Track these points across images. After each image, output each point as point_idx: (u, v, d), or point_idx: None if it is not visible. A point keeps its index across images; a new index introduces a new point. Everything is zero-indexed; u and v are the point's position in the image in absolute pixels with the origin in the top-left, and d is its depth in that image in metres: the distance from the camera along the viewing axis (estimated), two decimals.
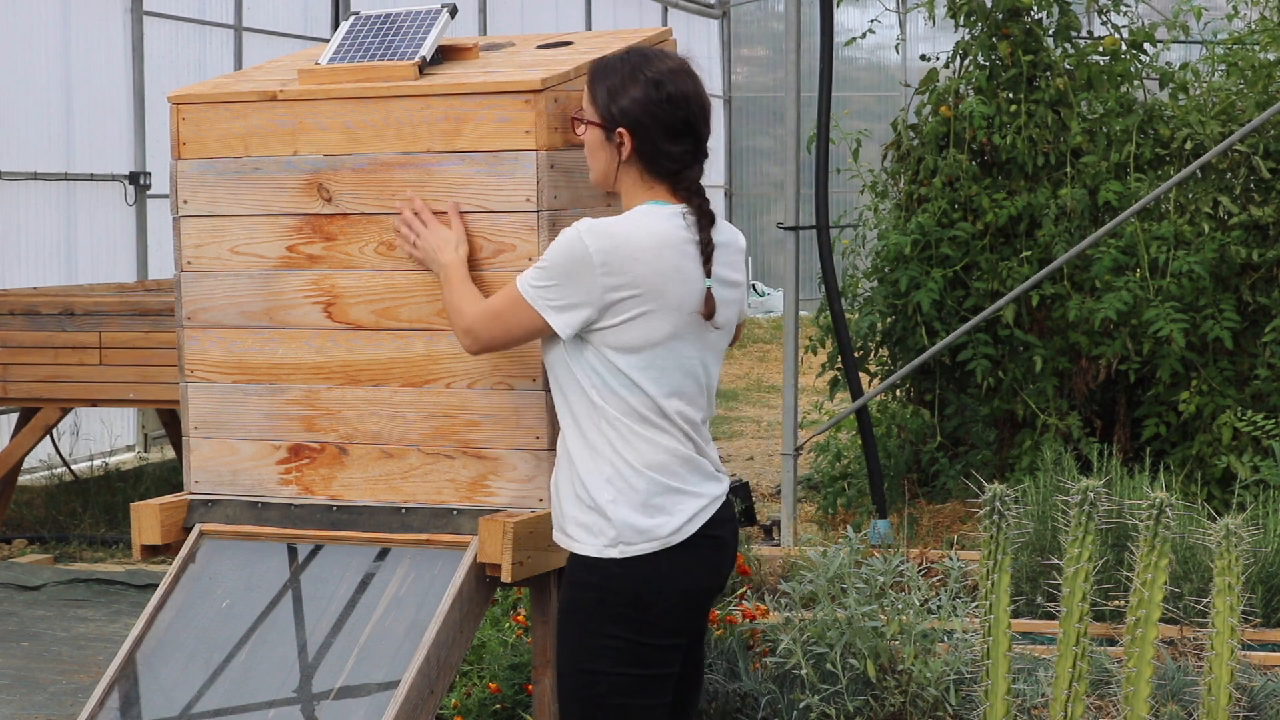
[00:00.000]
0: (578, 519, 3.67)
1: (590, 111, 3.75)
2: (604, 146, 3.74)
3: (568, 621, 3.68)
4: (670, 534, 3.62)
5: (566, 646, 3.68)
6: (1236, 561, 3.77)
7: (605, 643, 3.62)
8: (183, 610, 4.28)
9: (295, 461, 4.33)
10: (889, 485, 9.10)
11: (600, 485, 3.63)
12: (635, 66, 3.70)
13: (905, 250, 9.18)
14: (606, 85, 3.72)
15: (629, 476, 3.62)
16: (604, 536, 3.62)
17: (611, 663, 3.62)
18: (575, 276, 3.62)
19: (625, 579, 3.60)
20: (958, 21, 9.54)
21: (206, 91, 4.40)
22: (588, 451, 3.66)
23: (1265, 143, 8.84)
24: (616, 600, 3.61)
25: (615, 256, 3.61)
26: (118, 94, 11.95)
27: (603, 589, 3.61)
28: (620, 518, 3.61)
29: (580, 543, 3.66)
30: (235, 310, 4.36)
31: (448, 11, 4.33)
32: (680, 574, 3.63)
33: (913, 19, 16.38)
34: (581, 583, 3.65)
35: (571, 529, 3.69)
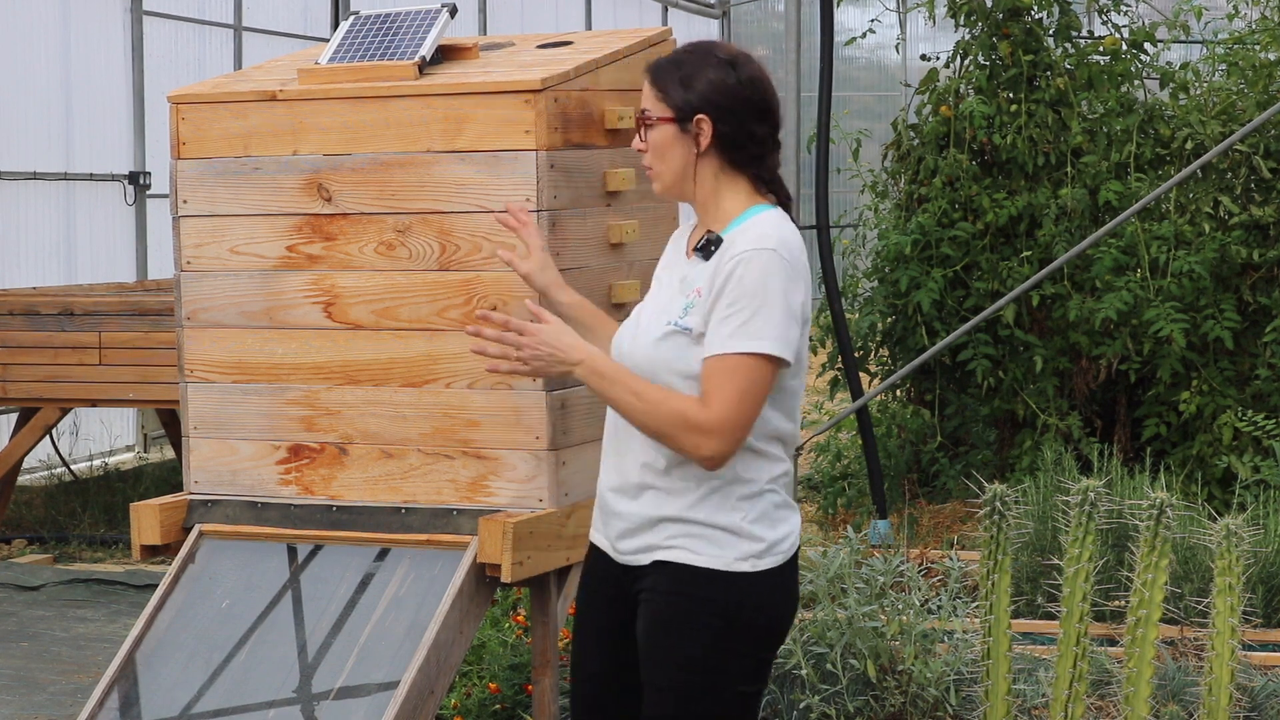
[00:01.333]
0: (692, 533, 3.40)
1: (658, 108, 3.46)
2: (678, 141, 3.45)
3: (681, 638, 3.41)
4: (790, 547, 3.46)
5: (686, 666, 3.40)
6: (1237, 562, 3.77)
7: (729, 660, 3.40)
8: (182, 610, 4.28)
9: (295, 461, 4.33)
10: (889, 485, 9.10)
11: (729, 503, 3.40)
12: (703, 53, 3.48)
13: (905, 250, 9.18)
14: (678, 75, 3.45)
15: (756, 493, 3.42)
16: (734, 550, 3.39)
17: (740, 680, 3.42)
18: (786, 298, 3.34)
19: (757, 594, 3.40)
20: (958, 21, 9.53)
21: (206, 91, 4.40)
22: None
23: (1266, 142, 8.83)
24: (748, 615, 3.40)
25: (801, 267, 3.40)
26: (117, 94, 11.95)
27: (732, 604, 3.39)
28: (754, 532, 3.41)
29: (701, 555, 3.40)
30: (235, 310, 4.36)
31: (448, 11, 4.33)
32: (795, 586, 3.49)
33: (913, 19, 16.38)
34: (704, 598, 3.39)
35: (680, 542, 3.41)
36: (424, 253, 4.18)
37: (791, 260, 3.37)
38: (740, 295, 3.34)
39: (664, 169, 3.49)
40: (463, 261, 4.15)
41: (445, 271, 4.17)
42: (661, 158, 3.48)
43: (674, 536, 3.42)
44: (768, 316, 3.33)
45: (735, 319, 3.33)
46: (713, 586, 3.39)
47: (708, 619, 3.40)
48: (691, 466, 3.39)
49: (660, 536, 3.43)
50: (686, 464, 3.40)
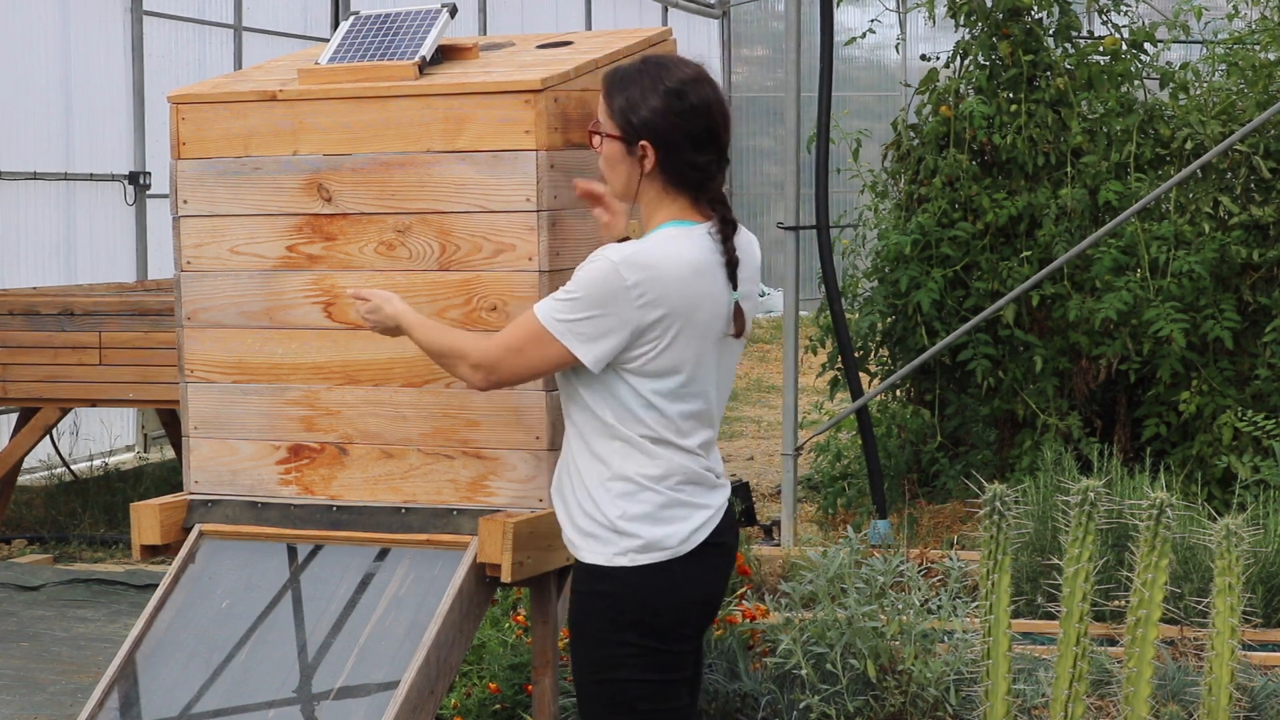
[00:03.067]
0: (585, 529, 3.63)
1: (608, 124, 3.62)
2: (625, 160, 3.61)
3: (581, 632, 3.65)
4: (679, 543, 3.59)
5: (584, 657, 3.64)
6: (1237, 561, 3.77)
7: (623, 650, 3.59)
8: (182, 610, 4.28)
9: (295, 461, 4.33)
10: (889, 485, 9.10)
11: (609, 499, 3.60)
12: (654, 76, 3.58)
13: (905, 250, 9.18)
14: (625, 96, 3.59)
15: (638, 491, 3.59)
16: (613, 546, 3.58)
17: (631, 670, 3.59)
18: (609, 307, 3.52)
19: (638, 587, 3.57)
20: (958, 21, 9.53)
21: (206, 91, 4.40)
22: (596, 465, 3.61)
23: (1265, 142, 8.83)
24: (631, 608, 3.58)
25: (651, 287, 3.52)
26: (117, 94, 11.95)
27: (616, 597, 3.58)
28: (630, 529, 3.58)
29: (589, 551, 3.62)
30: (235, 310, 4.36)
31: (448, 11, 4.33)
32: (690, 581, 3.61)
33: (913, 19, 16.37)
34: (592, 591, 3.62)
35: (578, 538, 3.64)
36: (424, 253, 4.19)
37: (632, 279, 3.52)
38: (576, 284, 3.57)
39: (614, 180, 3.66)
40: (463, 261, 4.15)
41: (445, 271, 4.17)
42: (612, 169, 3.65)
43: (571, 533, 3.67)
44: (569, 302, 3.55)
45: (563, 298, 3.58)
46: (596, 580, 3.61)
47: (594, 610, 3.61)
48: (582, 465, 3.61)
49: (572, 531, 3.67)
50: (578, 462, 3.62)
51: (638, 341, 3.54)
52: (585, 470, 3.62)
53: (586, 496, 3.62)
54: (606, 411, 3.59)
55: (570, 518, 3.67)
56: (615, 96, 3.60)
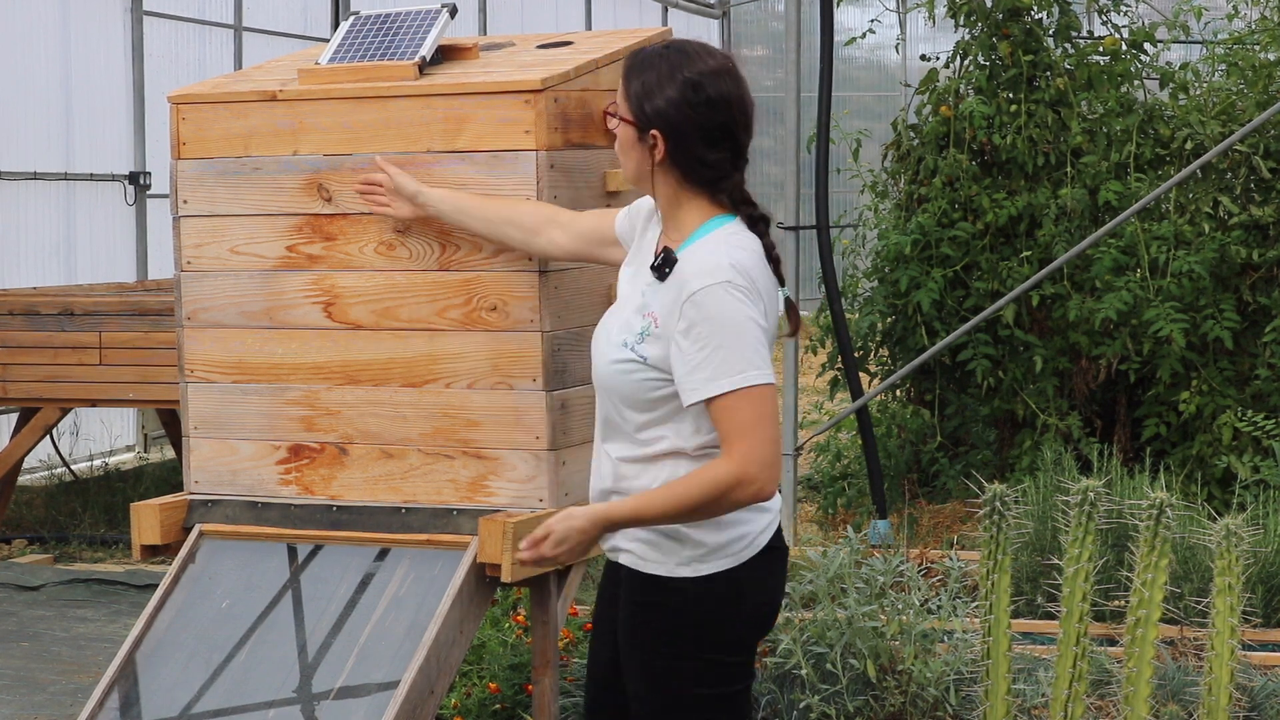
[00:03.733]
0: (642, 537, 3.43)
1: (623, 107, 3.44)
2: (636, 146, 3.43)
3: (639, 643, 3.46)
4: (743, 549, 3.42)
5: (643, 669, 3.45)
6: (1237, 561, 3.77)
7: (686, 664, 3.41)
8: (182, 610, 4.28)
9: (295, 461, 4.33)
10: (889, 485, 9.10)
11: None
12: (674, 65, 3.39)
13: (905, 250, 9.18)
14: (641, 81, 3.40)
15: None
16: (675, 555, 3.40)
17: (693, 683, 3.42)
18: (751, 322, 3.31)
19: (702, 598, 3.40)
20: (958, 21, 9.53)
21: (206, 91, 4.40)
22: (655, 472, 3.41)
23: (1265, 142, 8.83)
24: (694, 619, 3.40)
25: (753, 288, 3.33)
26: (118, 94, 11.95)
27: (678, 609, 3.40)
28: (694, 536, 3.39)
29: (648, 561, 3.42)
30: (235, 310, 4.36)
31: (448, 11, 4.33)
32: (753, 588, 3.45)
33: (913, 19, 16.37)
34: (651, 603, 3.43)
35: (637, 546, 3.44)
36: (424, 253, 4.19)
37: (745, 285, 3.33)
38: (707, 335, 3.30)
39: (625, 164, 3.49)
40: (463, 261, 4.15)
41: (445, 271, 4.17)
42: (625, 154, 3.47)
43: (630, 540, 3.45)
44: (739, 349, 3.30)
45: (712, 360, 3.30)
46: (658, 593, 3.42)
47: (656, 624, 3.43)
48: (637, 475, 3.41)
49: (621, 537, 3.46)
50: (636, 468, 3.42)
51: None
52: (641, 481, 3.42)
53: None
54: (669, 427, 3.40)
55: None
56: (633, 80, 3.42)
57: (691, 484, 3.32)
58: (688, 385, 3.32)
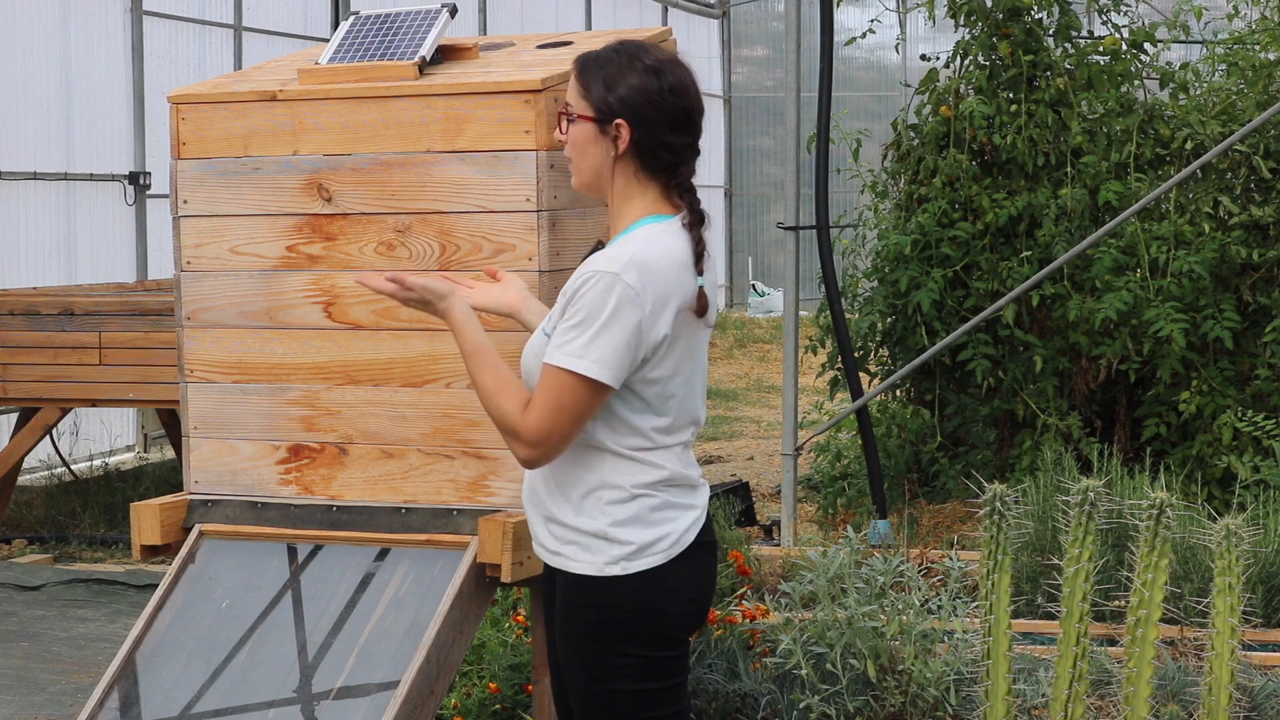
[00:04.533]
0: (567, 539, 3.49)
1: (580, 105, 3.48)
2: (596, 142, 3.47)
3: (574, 644, 3.52)
4: (670, 546, 3.48)
5: (580, 669, 3.52)
6: (1237, 562, 3.77)
7: (619, 661, 3.47)
8: (182, 610, 4.28)
9: (295, 461, 4.33)
10: (889, 485, 9.10)
11: (597, 507, 3.47)
12: (631, 55, 3.48)
13: (905, 250, 9.18)
14: (602, 75, 3.46)
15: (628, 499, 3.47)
16: (603, 555, 3.46)
17: (630, 680, 3.48)
18: (621, 320, 3.38)
19: (631, 595, 3.45)
20: (958, 21, 9.54)
21: (206, 91, 4.40)
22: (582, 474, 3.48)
23: (1265, 142, 8.83)
24: (625, 617, 3.46)
25: (655, 289, 3.40)
26: (118, 94, 11.95)
27: (608, 607, 3.46)
28: (621, 536, 3.46)
29: (576, 562, 3.48)
30: (235, 310, 4.36)
31: (448, 11, 4.33)
32: (684, 583, 3.51)
33: (913, 19, 16.38)
34: (583, 603, 3.49)
35: (563, 548, 3.50)
36: (424, 253, 4.19)
37: (639, 284, 3.38)
38: (579, 312, 3.39)
39: (582, 165, 3.51)
40: (463, 261, 4.15)
41: (445, 271, 4.17)
42: (581, 154, 3.50)
43: (558, 542, 3.52)
44: (599, 340, 3.37)
45: (570, 335, 3.39)
46: (588, 592, 3.47)
47: (587, 623, 3.49)
48: (567, 474, 3.49)
49: (550, 539, 3.53)
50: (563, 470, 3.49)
51: (646, 348, 3.42)
52: (568, 481, 3.49)
53: (568, 505, 3.49)
54: (599, 426, 3.45)
55: (549, 528, 3.53)
56: (589, 75, 3.48)
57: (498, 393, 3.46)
58: (550, 347, 3.43)
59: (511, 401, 3.45)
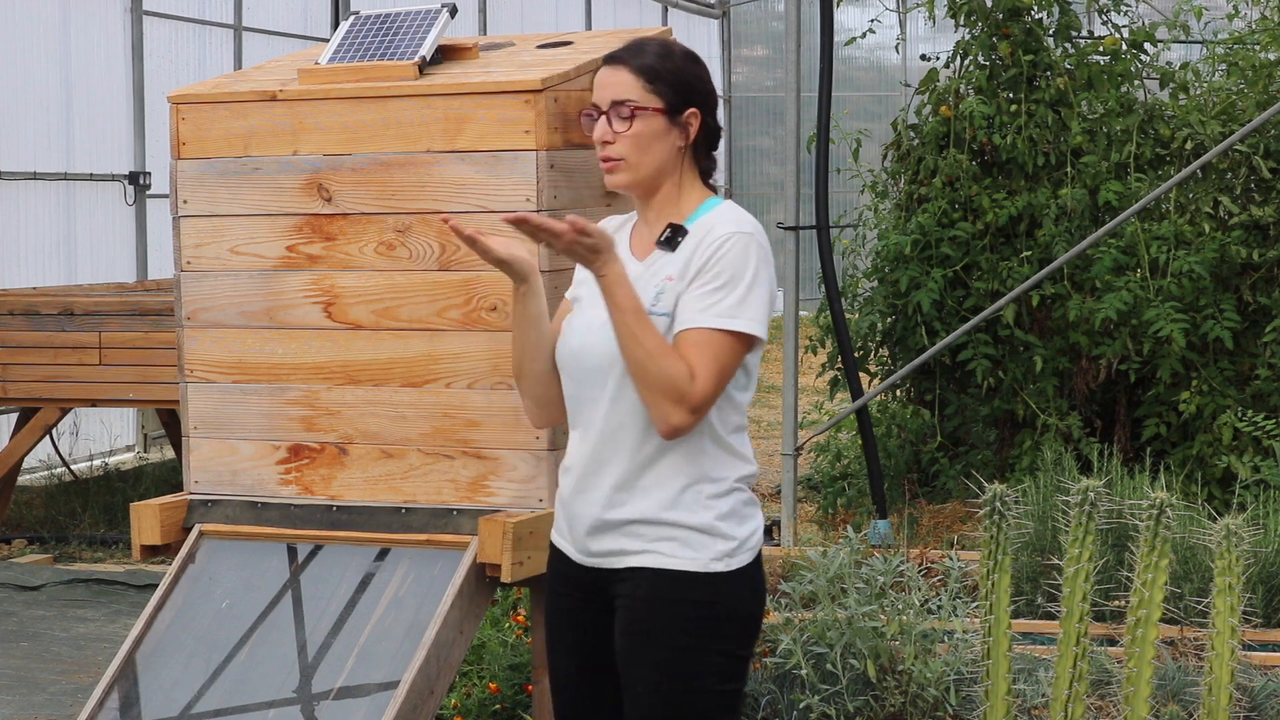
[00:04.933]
0: (666, 535, 3.37)
1: (648, 99, 3.39)
2: (666, 134, 3.40)
3: (659, 643, 3.38)
4: (756, 542, 3.43)
5: (663, 669, 3.38)
6: (1237, 562, 3.77)
7: (712, 660, 3.38)
8: (182, 611, 4.28)
9: (295, 461, 4.33)
10: (889, 485, 9.10)
11: (700, 501, 3.38)
12: (667, 46, 3.45)
13: (905, 250, 9.18)
14: (663, 67, 3.40)
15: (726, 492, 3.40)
16: (708, 550, 3.37)
17: (717, 679, 3.40)
18: (764, 282, 3.36)
19: (729, 593, 3.39)
20: (958, 21, 9.54)
21: (206, 91, 4.40)
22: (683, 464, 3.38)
23: (1265, 142, 8.83)
24: (723, 614, 3.39)
25: (771, 256, 3.40)
26: (118, 94, 11.95)
27: (707, 604, 3.37)
28: (726, 530, 3.39)
29: (675, 558, 3.37)
30: (235, 310, 4.36)
31: (448, 11, 4.33)
32: (762, 582, 3.48)
33: (913, 19, 16.38)
34: (678, 599, 3.37)
35: (655, 545, 3.38)
36: (424, 253, 4.19)
37: (767, 247, 3.40)
38: (724, 273, 3.33)
39: (643, 161, 3.41)
40: (463, 261, 4.15)
41: (445, 271, 4.17)
42: (644, 150, 3.41)
43: (649, 541, 3.39)
44: (749, 298, 3.33)
45: (719, 296, 3.32)
46: (689, 588, 3.38)
47: (684, 621, 3.39)
48: (663, 468, 3.38)
49: (633, 540, 3.40)
50: (658, 465, 3.38)
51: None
52: (667, 474, 3.37)
53: (670, 501, 3.38)
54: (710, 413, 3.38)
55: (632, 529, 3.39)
56: (649, 69, 3.40)
57: (664, 356, 3.29)
58: (686, 310, 3.33)
59: (677, 365, 3.30)
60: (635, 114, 3.40)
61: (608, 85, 3.43)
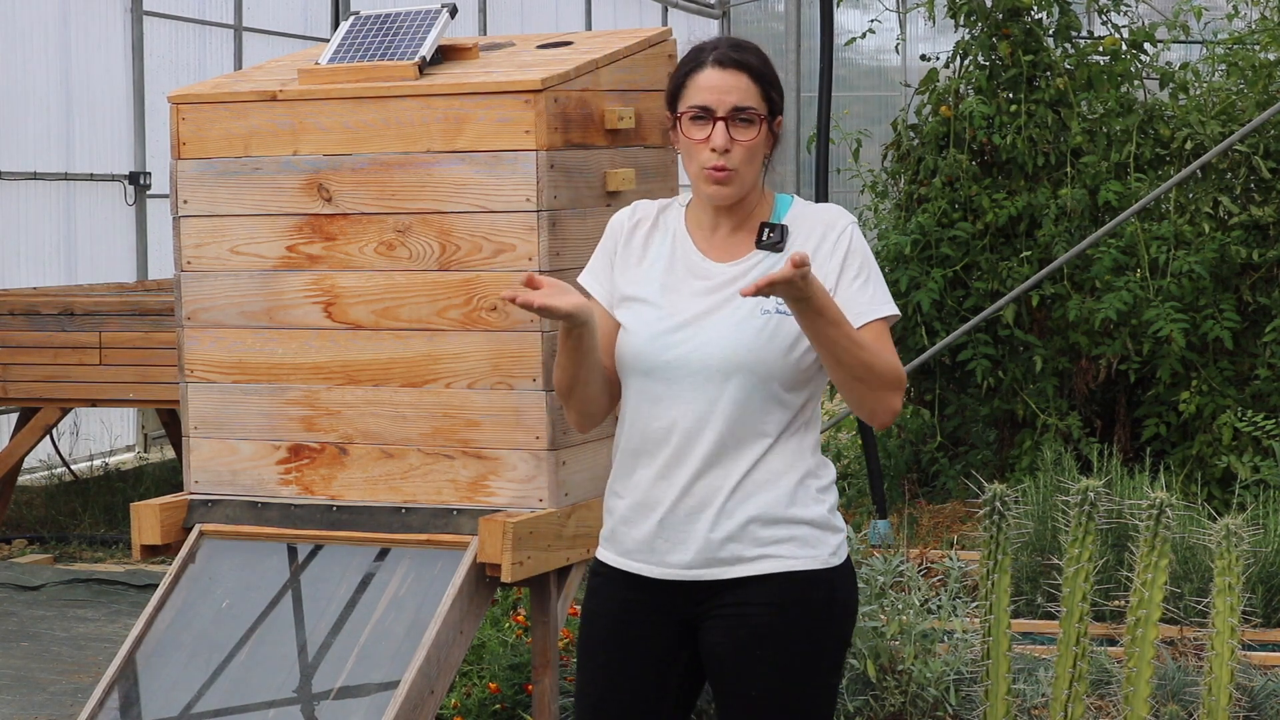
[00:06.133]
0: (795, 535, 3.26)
1: (763, 106, 3.26)
2: (766, 144, 3.28)
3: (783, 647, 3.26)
4: (846, 536, 3.36)
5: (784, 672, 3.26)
6: (1237, 561, 3.77)
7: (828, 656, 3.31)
8: (182, 610, 4.28)
9: (295, 461, 4.33)
10: (889, 485, 9.10)
11: (811, 496, 3.28)
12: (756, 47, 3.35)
13: (905, 250, 9.18)
14: (771, 71, 3.29)
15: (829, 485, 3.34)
16: (825, 546, 3.27)
17: (838, 675, 3.34)
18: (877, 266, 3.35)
19: (844, 585, 3.31)
20: (958, 21, 9.54)
21: (206, 91, 4.40)
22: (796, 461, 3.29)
23: (1265, 143, 8.83)
24: (841, 608, 3.31)
25: None
26: (118, 94, 11.95)
27: (829, 600, 3.28)
28: (839, 524, 3.31)
29: (795, 559, 3.25)
30: (235, 310, 4.36)
31: (448, 11, 4.33)
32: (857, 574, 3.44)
33: (913, 19, 16.39)
34: (800, 600, 3.25)
35: (783, 549, 3.25)
36: (424, 253, 4.18)
37: None
38: (863, 264, 3.29)
39: (749, 172, 3.27)
40: (463, 261, 4.15)
41: (445, 271, 4.17)
42: (752, 160, 3.26)
43: (764, 544, 3.26)
44: (882, 282, 3.32)
45: (870, 286, 3.28)
46: (810, 587, 3.27)
47: (805, 620, 3.27)
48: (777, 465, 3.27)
49: (747, 544, 3.26)
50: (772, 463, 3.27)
51: None
52: (780, 471, 3.27)
53: (782, 500, 3.26)
54: (806, 397, 3.32)
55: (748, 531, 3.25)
56: (765, 72, 3.29)
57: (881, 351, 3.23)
58: (854, 308, 3.25)
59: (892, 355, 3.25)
60: (759, 123, 3.26)
61: (727, 89, 3.25)
